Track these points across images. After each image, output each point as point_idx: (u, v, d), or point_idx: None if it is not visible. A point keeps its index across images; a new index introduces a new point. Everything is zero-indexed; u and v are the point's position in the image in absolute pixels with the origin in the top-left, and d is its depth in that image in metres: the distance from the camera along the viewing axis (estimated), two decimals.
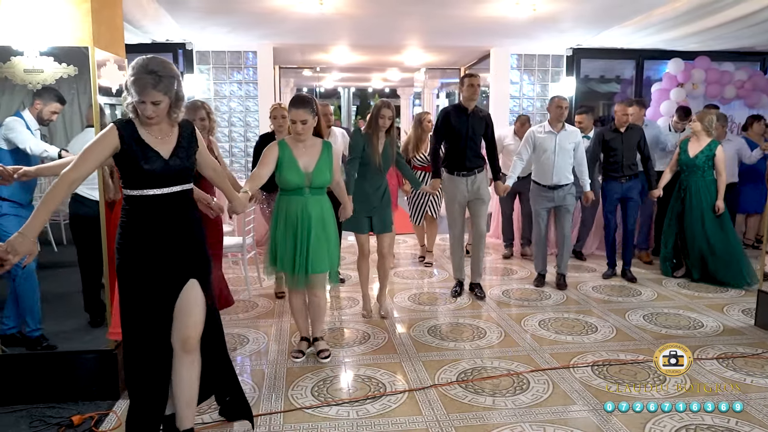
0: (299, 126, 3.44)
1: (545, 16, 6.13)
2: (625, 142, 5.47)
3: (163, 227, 2.49)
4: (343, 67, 11.95)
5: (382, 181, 4.41)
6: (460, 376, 3.56)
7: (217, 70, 7.99)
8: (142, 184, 2.44)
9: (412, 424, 3.00)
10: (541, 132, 5.20)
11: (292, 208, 3.51)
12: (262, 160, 3.46)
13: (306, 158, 3.50)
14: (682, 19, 6.09)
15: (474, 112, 4.84)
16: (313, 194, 3.53)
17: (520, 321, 4.55)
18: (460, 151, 4.85)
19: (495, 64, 8.41)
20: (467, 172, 4.87)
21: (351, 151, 4.35)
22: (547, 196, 5.23)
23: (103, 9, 3.27)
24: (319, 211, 3.53)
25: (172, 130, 2.53)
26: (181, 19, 6.42)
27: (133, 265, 2.48)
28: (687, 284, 5.55)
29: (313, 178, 3.50)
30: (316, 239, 3.51)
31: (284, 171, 3.47)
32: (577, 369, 3.65)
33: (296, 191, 3.50)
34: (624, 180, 5.50)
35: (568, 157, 5.16)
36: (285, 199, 3.56)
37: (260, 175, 3.42)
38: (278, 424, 3.00)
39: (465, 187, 4.88)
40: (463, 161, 4.86)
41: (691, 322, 4.53)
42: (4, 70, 3.09)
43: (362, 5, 5.87)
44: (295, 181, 3.47)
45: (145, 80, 2.35)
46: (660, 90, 7.85)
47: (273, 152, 3.48)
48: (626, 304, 4.99)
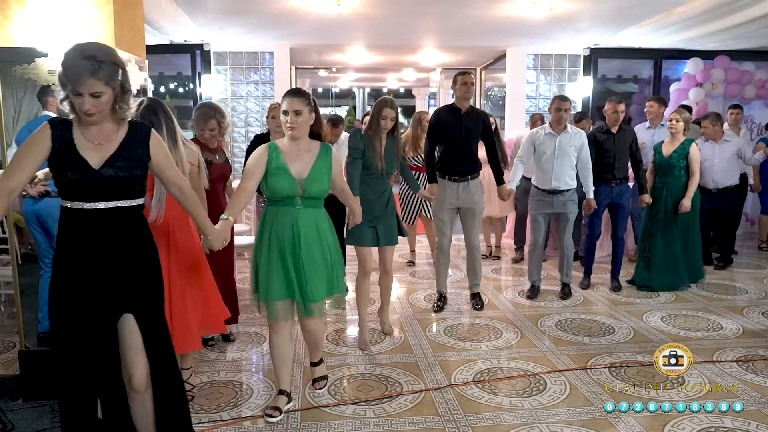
0: (292, 117, 2.88)
1: (562, 15, 6.11)
2: (618, 144, 5.13)
3: (94, 249, 2.15)
4: (358, 68, 11.99)
5: (386, 186, 3.98)
6: (477, 376, 3.56)
7: (234, 71, 8.06)
8: (72, 196, 2.11)
9: (428, 423, 3.01)
10: (541, 134, 4.94)
11: (281, 222, 2.92)
12: (247, 170, 2.93)
13: (299, 163, 2.93)
14: (701, 19, 6.04)
15: (468, 113, 4.53)
16: (306, 206, 2.94)
17: (537, 322, 4.54)
18: (452, 154, 4.53)
19: (511, 64, 8.39)
20: (459, 177, 4.53)
21: (351, 152, 3.94)
22: (546, 202, 4.93)
23: (125, 10, 3.32)
24: (313, 226, 2.95)
25: (117, 133, 2.17)
26: (199, 20, 6.48)
27: (62, 285, 2.18)
28: (706, 286, 5.50)
29: (307, 187, 2.91)
30: (310, 260, 2.93)
31: (272, 177, 2.90)
32: (595, 370, 3.63)
33: (286, 202, 2.92)
34: (614, 183, 5.16)
35: (569, 160, 4.85)
36: (272, 212, 2.97)
37: (246, 191, 2.91)
38: (295, 423, 3.02)
39: (455, 193, 4.54)
40: (455, 165, 4.52)
41: (710, 324, 4.49)
42: (29, 71, 3.14)
43: (379, 5, 5.88)
44: (284, 190, 2.89)
45: (80, 66, 1.99)
46: (679, 90, 7.78)
47: (260, 158, 2.92)
48: (644, 305, 4.95)
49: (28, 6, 3.10)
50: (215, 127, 3.75)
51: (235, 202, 2.93)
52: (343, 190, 3.30)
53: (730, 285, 5.54)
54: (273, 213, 2.96)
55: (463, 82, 4.49)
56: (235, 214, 2.88)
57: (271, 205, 2.98)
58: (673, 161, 5.22)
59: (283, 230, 2.91)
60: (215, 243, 2.61)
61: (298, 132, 2.92)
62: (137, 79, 3.52)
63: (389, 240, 4.00)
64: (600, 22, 6.62)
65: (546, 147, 4.88)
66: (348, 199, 3.43)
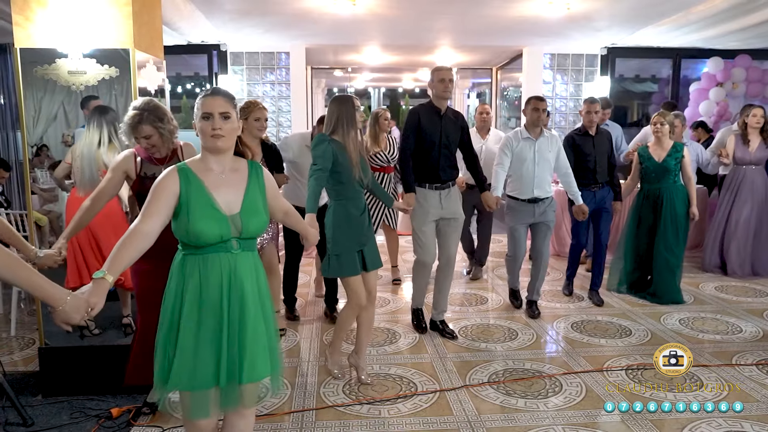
0: (218, 122, 2.06)
1: (579, 15, 6.07)
2: (597, 147, 4.83)
3: None
4: (374, 68, 11.99)
5: (363, 199, 3.42)
6: (492, 377, 3.54)
7: (251, 71, 8.11)
8: None
9: (443, 424, 3.01)
10: (518, 139, 4.50)
11: (211, 276, 2.06)
12: (148, 205, 2.03)
13: (227, 191, 2.11)
14: (721, 17, 5.96)
15: (447, 114, 4.08)
16: (243, 249, 2.13)
17: (552, 323, 4.51)
18: (432, 159, 4.04)
19: (528, 63, 8.35)
20: (441, 184, 4.08)
21: (316, 163, 3.22)
22: (526, 211, 4.53)
23: (143, 12, 3.35)
24: (254, 277, 2.15)
25: None
26: (215, 21, 6.53)
27: None
28: (725, 288, 5.43)
29: (244, 224, 2.10)
30: (255, 325, 2.11)
31: (193, 217, 2.03)
32: (611, 372, 3.60)
33: (215, 248, 2.08)
34: (596, 188, 4.85)
35: (549, 167, 4.52)
36: (193, 263, 2.07)
37: (143, 235, 1.98)
38: (310, 422, 3.03)
39: (437, 202, 4.07)
40: (436, 171, 4.05)
41: (730, 326, 4.43)
42: (50, 72, 3.19)
43: (394, 5, 5.88)
44: (214, 233, 2.05)
45: None
46: (698, 90, 7.69)
47: (167, 186, 2.05)
48: (661, 307, 4.89)
49: (49, 7, 3.14)
50: (151, 134, 2.83)
51: (122, 252, 1.93)
52: (287, 213, 2.47)
53: (749, 287, 5.47)
54: (194, 265, 2.07)
55: (440, 79, 3.98)
56: (117, 271, 1.90)
57: (190, 254, 2.09)
58: (670, 166, 4.89)
59: (214, 288, 2.06)
60: (71, 316, 1.77)
61: (225, 143, 2.10)
62: (155, 79, 3.56)
63: (376, 262, 3.43)
64: (618, 21, 6.56)
65: (525, 153, 4.47)
66: (297, 223, 2.61)
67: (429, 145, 4.03)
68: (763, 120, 5.54)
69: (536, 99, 4.49)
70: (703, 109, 7.38)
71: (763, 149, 5.59)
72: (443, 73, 3.98)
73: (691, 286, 5.50)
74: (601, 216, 4.95)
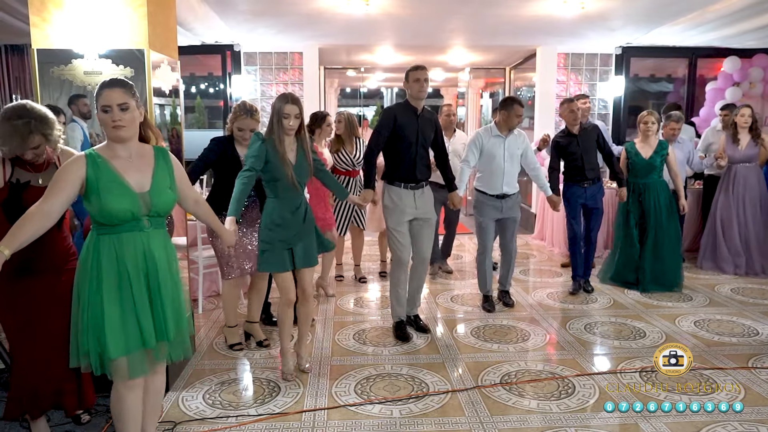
0: (117, 114, 2.19)
1: (594, 14, 6.02)
2: (582, 145, 5.01)
3: None
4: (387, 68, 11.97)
5: (300, 198, 3.39)
6: (504, 378, 3.53)
7: (264, 71, 8.14)
8: None
9: (455, 424, 3.00)
10: (489, 136, 4.62)
11: (126, 253, 2.25)
12: (53, 185, 2.19)
13: (136, 174, 2.28)
14: (739, 16, 5.89)
15: (423, 114, 4.07)
16: (154, 227, 2.32)
17: (565, 324, 4.48)
18: (409, 159, 4.01)
19: (541, 63, 8.30)
20: (416, 184, 4.06)
21: (245, 161, 3.28)
22: (494, 206, 4.65)
23: (158, 12, 3.38)
24: (163, 253, 2.35)
25: None
26: (229, 21, 6.56)
27: None
28: (741, 290, 5.36)
29: (153, 201, 2.29)
30: (171, 293, 2.36)
31: (104, 195, 2.19)
32: (625, 374, 3.57)
33: (129, 225, 2.25)
34: (587, 184, 5.07)
35: (517, 164, 4.66)
36: (108, 242, 2.24)
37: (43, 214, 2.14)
38: (322, 421, 3.03)
39: (412, 202, 4.05)
40: (412, 171, 4.03)
41: (746, 329, 4.37)
42: (66, 72, 3.22)
43: (407, 5, 5.88)
44: (125, 209, 2.22)
45: None
46: (715, 89, 7.60)
47: (73, 169, 2.20)
48: (676, 309, 4.85)
49: (65, 9, 3.17)
50: (40, 143, 2.53)
51: (21, 228, 2.10)
52: (198, 202, 2.61)
53: (766, 289, 5.40)
54: (109, 244, 2.24)
55: (415, 79, 3.96)
56: (14, 246, 2.07)
57: (105, 233, 2.24)
58: (656, 163, 5.17)
59: (132, 263, 2.25)
60: None
61: (127, 132, 2.24)
62: (169, 79, 3.58)
63: (307, 261, 3.44)
64: (633, 20, 6.51)
65: (495, 150, 4.59)
66: (208, 216, 2.68)
67: (406, 144, 4.01)
68: (751, 119, 5.73)
69: (511, 100, 4.61)
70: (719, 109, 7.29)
71: (753, 147, 5.78)
72: (418, 74, 3.97)
73: (707, 287, 5.45)
74: (592, 213, 5.16)
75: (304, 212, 3.40)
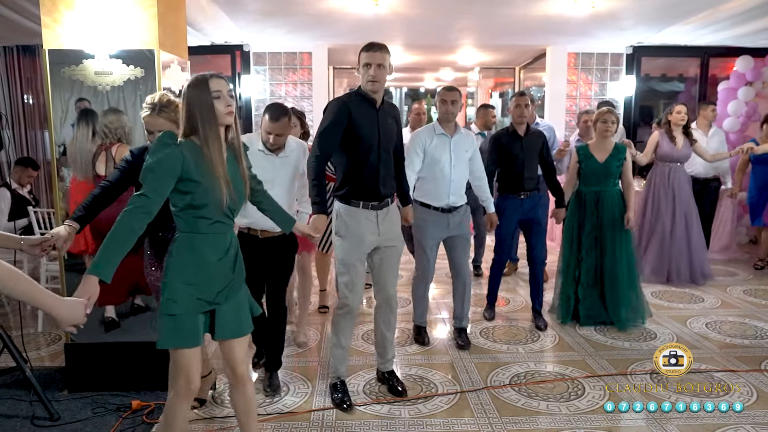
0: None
1: (604, 13, 5.99)
2: (527, 148, 4.20)
3: None
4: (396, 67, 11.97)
5: (231, 235, 2.28)
6: (513, 379, 3.51)
7: (273, 71, 8.16)
8: None
9: (464, 425, 2.99)
10: (432, 135, 3.78)
11: None
12: None
13: None
14: (752, 15, 5.83)
15: (383, 108, 3.14)
16: None
17: (575, 326, 4.45)
18: (370, 168, 3.06)
19: (551, 63, 8.26)
20: (379, 202, 3.12)
21: (143, 179, 2.08)
22: (440, 223, 3.82)
23: (168, 13, 3.39)
24: None
25: None
26: (239, 21, 6.58)
27: None
28: (753, 291, 5.31)
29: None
30: None
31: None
32: (635, 376, 3.55)
33: None
34: (524, 196, 4.25)
35: (464, 169, 3.85)
36: None
37: None
38: (331, 421, 3.03)
39: (374, 226, 3.11)
40: (375, 185, 3.08)
41: (758, 331, 4.33)
42: (77, 72, 3.24)
43: (416, 5, 5.87)
44: None
45: None
46: (727, 89, 7.53)
47: None
48: (687, 311, 4.81)
49: (76, 9, 3.19)
50: None
51: None
52: None
53: None
54: None
55: (365, 63, 3.06)
56: None
57: None
58: (612, 169, 4.33)
59: None
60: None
61: None
62: (179, 79, 3.59)
63: (239, 328, 2.32)
64: (644, 19, 6.46)
65: (440, 152, 3.76)
66: None
67: (365, 148, 3.04)
68: (687, 117, 5.45)
69: (445, 90, 3.83)
70: (732, 109, 7.22)
71: (687, 146, 5.49)
72: (371, 56, 3.03)
73: (719, 289, 5.40)
74: (532, 229, 4.36)
75: (234, 256, 2.27)
